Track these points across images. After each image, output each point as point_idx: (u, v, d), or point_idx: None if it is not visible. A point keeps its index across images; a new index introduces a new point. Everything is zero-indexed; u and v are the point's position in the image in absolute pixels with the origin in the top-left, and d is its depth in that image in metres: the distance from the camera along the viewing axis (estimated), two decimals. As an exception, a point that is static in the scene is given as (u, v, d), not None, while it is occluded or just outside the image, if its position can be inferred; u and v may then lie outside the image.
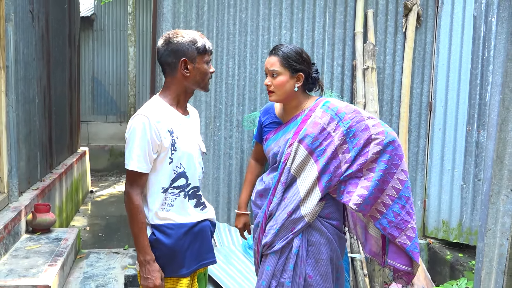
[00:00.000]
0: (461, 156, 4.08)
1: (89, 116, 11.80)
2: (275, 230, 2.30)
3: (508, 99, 2.23)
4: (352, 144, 2.24)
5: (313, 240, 2.31)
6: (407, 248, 2.29)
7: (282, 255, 2.31)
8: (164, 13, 3.88)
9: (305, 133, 2.26)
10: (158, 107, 2.02)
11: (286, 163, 2.29)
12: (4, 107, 3.95)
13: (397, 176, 2.26)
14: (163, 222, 2.03)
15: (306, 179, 2.28)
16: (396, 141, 2.27)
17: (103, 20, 11.97)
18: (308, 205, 2.27)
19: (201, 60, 2.04)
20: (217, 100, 3.99)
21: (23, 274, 3.19)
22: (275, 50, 2.32)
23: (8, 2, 3.98)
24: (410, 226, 2.29)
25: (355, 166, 2.24)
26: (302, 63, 2.30)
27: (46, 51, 5.48)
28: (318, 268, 2.31)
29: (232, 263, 3.66)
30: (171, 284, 2.07)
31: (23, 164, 4.43)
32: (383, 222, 2.28)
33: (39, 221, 4.09)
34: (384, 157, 2.24)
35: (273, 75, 2.29)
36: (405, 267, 2.33)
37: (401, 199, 2.27)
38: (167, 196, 2.03)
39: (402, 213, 2.27)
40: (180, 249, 2.04)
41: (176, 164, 2.02)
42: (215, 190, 4.04)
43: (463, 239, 4.08)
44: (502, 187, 2.29)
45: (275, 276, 2.31)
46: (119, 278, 3.74)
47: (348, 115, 2.27)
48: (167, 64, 2.05)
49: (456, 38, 4.10)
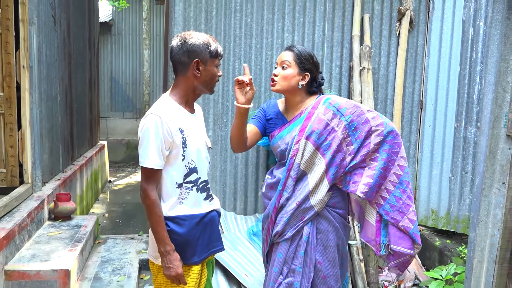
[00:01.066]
0: (449, 150, 3.98)
1: (107, 113, 11.75)
2: (286, 219, 2.22)
3: (500, 97, 2.13)
4: (354, 136, 2.18)
5: (321, 228, 2.24)
6: (410, 231, 2.21)
7: (292, 242, 2.23)
8: (176, 17, 3.76)
9: (311, 130, 2.18)
10: (168, 106, 1.92)
11: (295, 158, 2.20)
12: (28, 104, 3.85)
13: (398, 163, 2.20)
14: (177, 214, 1.94)
15: (315, 172, 2.19)
16: (395, 131, 2.22)
17: (120, 25, 11.89)
18: (317, 196, 2.20)
19: (212, 63, 1.95)
20: (224, 98, 3.87)
21: (45, 258, 3.10)
22: (291, 47, 2.27)
23: (32, 7, 3.87)
24: (411, 210, 2.22)
25: (359, 157, 2.18)
26: (312, 64, 2.26)
27: (68, 53, 5.38)
28: (326, 254, 2.24)
29: (238, 249, 3.57)
30: (184, 272, 1.97)
31: (46, 156, 4.34)
32: (386, 208, 2.21)
33: (60, 209, 4.01)
34: (385, 146, 2.18)
35: (283, 67, 2.23)
36: (409, 251, 2.22)
37: (402, 184, 2.21)
38: (182, 191, 1.94)
39: (403, 197, 2.21)
40: (192, 239, 1.96)
41: (188, 161, 1.93)
42: (222, 181, 3.94)
43: (450, 227, 3.99)
44: (494, 181, 2.18)
45: (287, 263, 2.23)
46: (134, 262, 3.65)
47: (348, 110, 2.21)
48: (180, 63, 1.94)
49: (446, 41, 3.99)
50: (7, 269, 2.90)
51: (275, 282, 2.25)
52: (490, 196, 2.20)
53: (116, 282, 3.25)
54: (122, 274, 3.40)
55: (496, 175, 2.17)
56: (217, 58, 1.96)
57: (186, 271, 1.99)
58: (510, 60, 2.07)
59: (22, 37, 3.78)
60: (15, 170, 3.83)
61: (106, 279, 3.30)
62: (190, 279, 1.98)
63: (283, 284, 2.23)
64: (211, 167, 3.92)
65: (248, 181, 3.94)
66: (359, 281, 3.50)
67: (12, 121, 3.78)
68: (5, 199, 3.36)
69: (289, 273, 2.23)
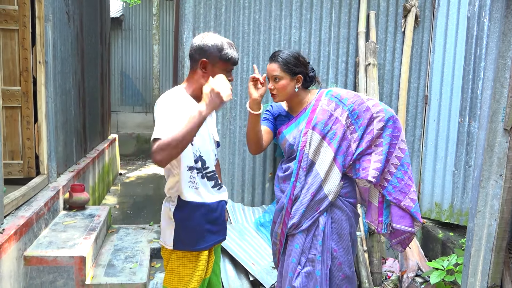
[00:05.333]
0: (453, 144, 4.04)
1: (118, 107, 11.90)
2: (302, 211, 2.30)
3: (498, 93, 2.20)
4: (357, 124, 2.29)
5: (335, 217, 2.33)
6: (411, 210, 2.32)
7: (309, 233, 2.32)
8: (186, 14, 3.86)
9: (316, 120, 2.29)
10: (180, 96, 2.02)
11: (304, 150, 2.30)
12: (44, 98, 3.98)
13: (399, 146, 2.31)
14: (192, 200, 2.03)
15: (323, 161, 2.29)
16: (394, 116, 2.33)
17: (131, 21, 11.99)
18: (330, 184, 2.29)
19: (221, 66, 2.00)
20: (232, 93, 3.96)
21: (62, 246, 3.24)
22: (275, 57, 2.31)
23: (47, 4, 3.99)
24: (412, 190, 2.33)
25: (365, 144, 2.28)
26: (300, 66, 2.31)
27: (81, 48, 5.50)
28: (341, 242, 2.34)
29: (246, 239, 3.68)
30: (193, 257, 2.08)
31: (60, 149, 4.48)
32: (389, 189, 2.33)
33: (75, 199, 4.14)
34: (387, 131, 2.29)
35: (275, 79, 2.30)
36: (410, 228, 2.34)
37: (403, 166, 2.32)
38: (192, 174, 2.03)
39: (405, 178, 2.32)
40: (203, 226, 2.06)
41: (195, 148, 2.03)
42: (231, 174, 4.04)
43: (453, 220, 4.06)
44: (491, 173, 2.26)
45: (304, 253, 2.32)
46: (145, 251, 3.78)
47: (350, 99, 2.32)
48: (192, 59, 2.05)
49: (450, 37, 4.04)
50: (26, 254, 3.05)
51: (294, 272, 2.33)
52: (488, 188, 2.28)
53: (129, 269, 3.38)
54: (134, 261, 3.53)
55: (494, 168, 2.25)
56: (228, 63, 2.01)
57: (196, 257, 2.09)
58: (508, 57, 2.14)
59: (38, 33, 3.91)
60: (31, 161, 3.97)
61: (119, 266, 3.43)
62: (199, 263, 2.08)
63: (302, 274, 2.31)
64: (219, 159, 4.03)
65: (256, 173, 4.05)
66: (363, 271, 3.60)
67: (29, 114, 3.92)
68: (23, 189, 3.50)
69: (306, 263, 2.32)
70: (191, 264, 2.07)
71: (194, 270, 2.08)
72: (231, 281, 3.42)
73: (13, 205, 3.23)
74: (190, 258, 2.08)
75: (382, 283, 3.71)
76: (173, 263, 2.10)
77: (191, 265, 2.07)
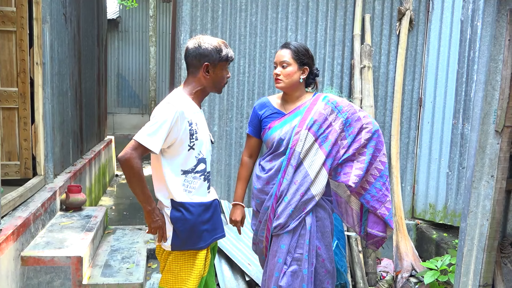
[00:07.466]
0: (447, 146, 4.08)
1: (114, 108, 11.91)
2: (289, 211, 2.34)
3: (490, 95, 2.24)
4: (348, 132, 2.39)
5: (319, 216, 2.42)
6: (385, 217, 2.45)
7: (295, 233, 2.36)
8: (183, 16, 3.89)
9: (313, 121, 2.34)
10: (184, 99, 2.07)
11: (295, 148, 2.34)
12: (41, 99, 4.00)
13: (380, 159, 2.42)
14: (187, 201, 2.07)
15: (313, 162, 2.35)
16: (379, 130, 2.46)
17: (127, 22, 12.02)
18: (317, 185, 2.36)
19: (221, 66, 2.11)
20: (229, 94, 4.01)
21: (58, 246, 3.25)
22: (287, 45, 2.40)
23: (45, 6, 4.01)
24: (388, 199, 2.45)
25: (351, 151, 2.38)
26: (309, 58, 2.41)
27: (78, 50, 5.52)
28: (323, 239, 2.43)
29: (242, 239, 3.71)
30: (191, 256, 2.11)
31: (57, 150, 4.49)
32: (367, 197, 2.45)
33: (71, 200, 4.16)
34: (372, 142, 2.40)
35: (283, 66, 2.36)
36: (382, 234, 2.49)
37: (382, 177, 2.44)
38: (187, 178, 2.07)
39: (383, 189, 2.44)
40: (200, 225, 2.09)
41: (197, 152, 2.08)
42: (227, 175, 4.07)
43: (447, 221, 4.10)
44: (483, 174, 2.31)
45: (290, 253, 2.37)
46: (142, 251, 3.80)
47: (344, 108, 2.40)
48: (192, 64, 2.11)
49: (444, 40, 4.09)
50: (24, 255, 3.06)
51: (280, 272, 2.36)
52: (479, 188, 2.32)
53: (126, 269, 3.39)
54: (131, 262, 3.55)
55: (486, 169, 2.30)
56: (227, 62, 2.13)
57: (194, 256, 2.12)
58: (499, 60, 2.19)
59: (36, 34, 3.93)
60: (28, 162, 3.99)
61: (116, 267, 3.45)
62: (198, 261, 2.11)
63: (288, 273, 2.35)
64: (216, 161, 4.06)
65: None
66: (358, 271, 3.63)
67: (26, 115, 3.93)
68: (20, 190, 3.51)
69: (292, 262, 2.36)
70: (189, 262, 2.11)
71: (192, 268, 2.11)
72: (227, 281, 3.45)
73: (10, 206, 3.24)
74: (188, 256, 2.11)
75: (377, 283, 3.75)
76: (171, 263, 2.13)
77: (189, 263, 2.11)
